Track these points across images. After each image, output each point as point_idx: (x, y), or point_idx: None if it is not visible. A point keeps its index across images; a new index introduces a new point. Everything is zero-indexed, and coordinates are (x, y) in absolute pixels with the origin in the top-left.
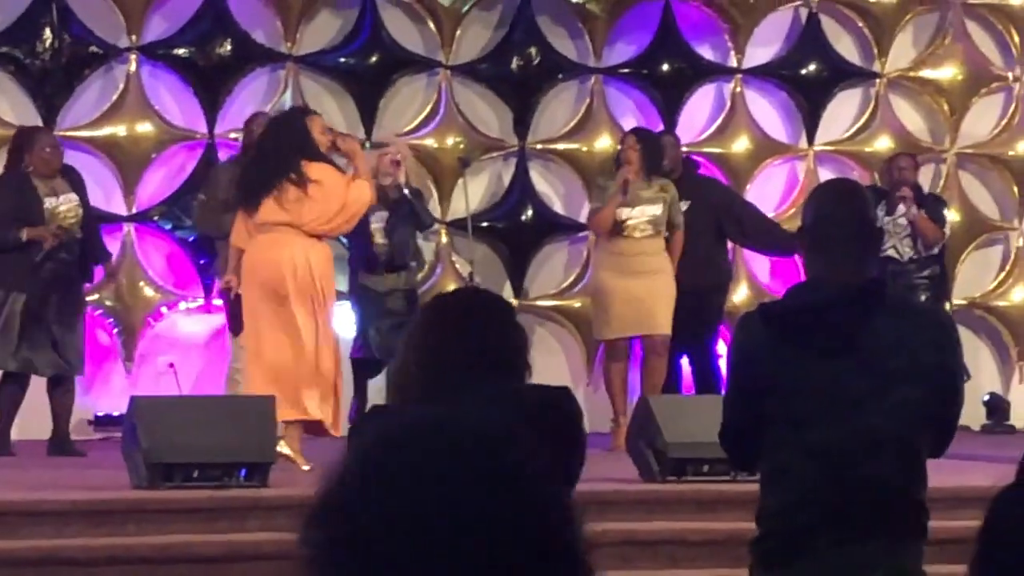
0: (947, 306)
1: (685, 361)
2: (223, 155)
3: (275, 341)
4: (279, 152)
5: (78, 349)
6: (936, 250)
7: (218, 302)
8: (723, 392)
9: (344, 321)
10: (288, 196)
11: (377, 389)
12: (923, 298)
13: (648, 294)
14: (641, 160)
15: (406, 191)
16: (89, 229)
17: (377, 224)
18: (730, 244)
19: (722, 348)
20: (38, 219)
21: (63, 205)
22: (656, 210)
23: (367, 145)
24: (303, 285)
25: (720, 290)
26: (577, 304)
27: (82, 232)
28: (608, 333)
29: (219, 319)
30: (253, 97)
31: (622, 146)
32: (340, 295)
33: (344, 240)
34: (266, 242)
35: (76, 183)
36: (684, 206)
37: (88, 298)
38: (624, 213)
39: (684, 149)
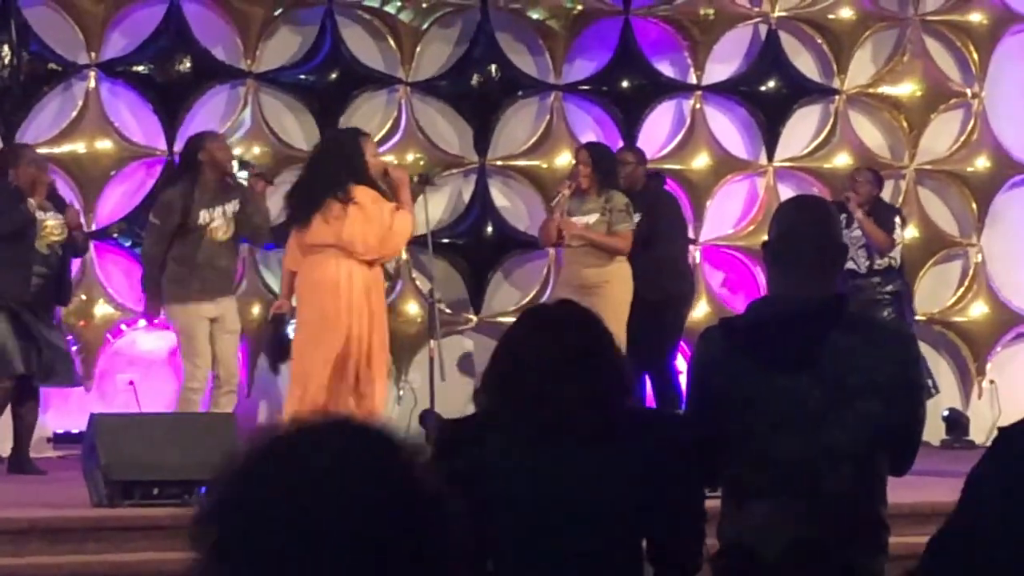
0: (912, 321)
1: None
2: None
3: (321, 362)
4: (330, 170)
5: (68, 359)
6: (891, 262)
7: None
8: (683, 407)
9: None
10: (333, 214)
11: None
12: (886, 313)
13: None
14: (592, 174)
15: None
16: (65, 260)
17: None
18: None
19: (682, 364)
20: (30, 229)
21: (51, 220)
22: (590, 219)
23: None
24: (348, 306)
25: (678, 303)
26: None
27: (62, 252)
28: None
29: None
30: (213, 114)
31: (575, 160)
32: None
33: None
34: (314, 263)
35: (60, 205)
36: (638, 218)
37: None
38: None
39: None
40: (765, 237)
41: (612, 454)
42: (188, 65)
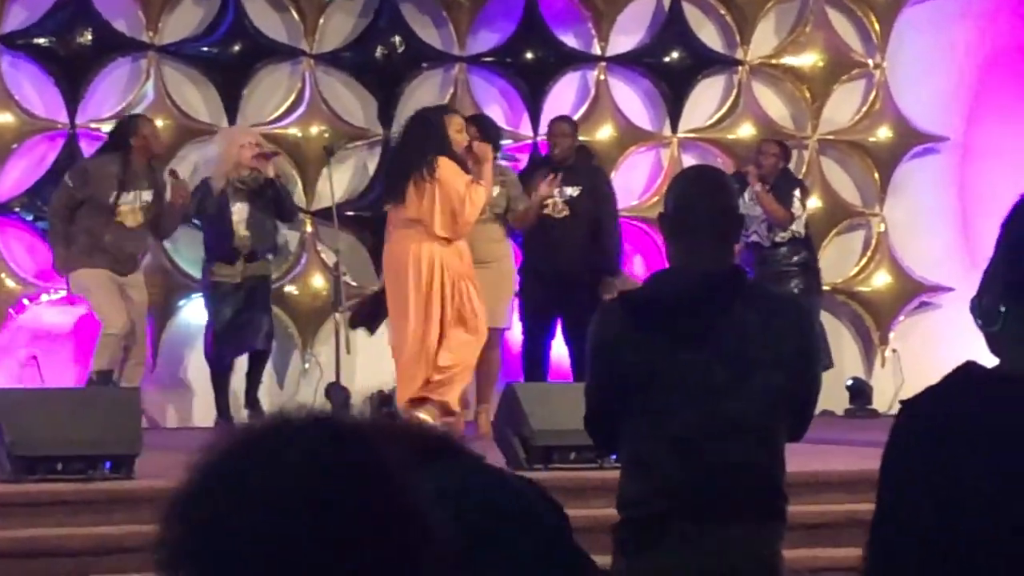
0: (819, 291)
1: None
2: (84, 145)
3: (402, 329)
4: (415, 146)
5: None
6: (795, 233)
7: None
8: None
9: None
10: (421, 191)
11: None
12: (793, 284)
13: (487, 285)
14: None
15: (277, 181)
16: None
17: (239, 216)
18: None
19: None
20: None
21: None
22: (492, 194)
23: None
24: (428, 280)
25: (603, 277)
26: None
27: None
28: None
29: (82, 310)
30: (115, 87)
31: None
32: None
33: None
34: (398, 237)
35: None
36: (575, 191)
37: None
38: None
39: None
40: (661, 209)
41: None
42: (89, 38)
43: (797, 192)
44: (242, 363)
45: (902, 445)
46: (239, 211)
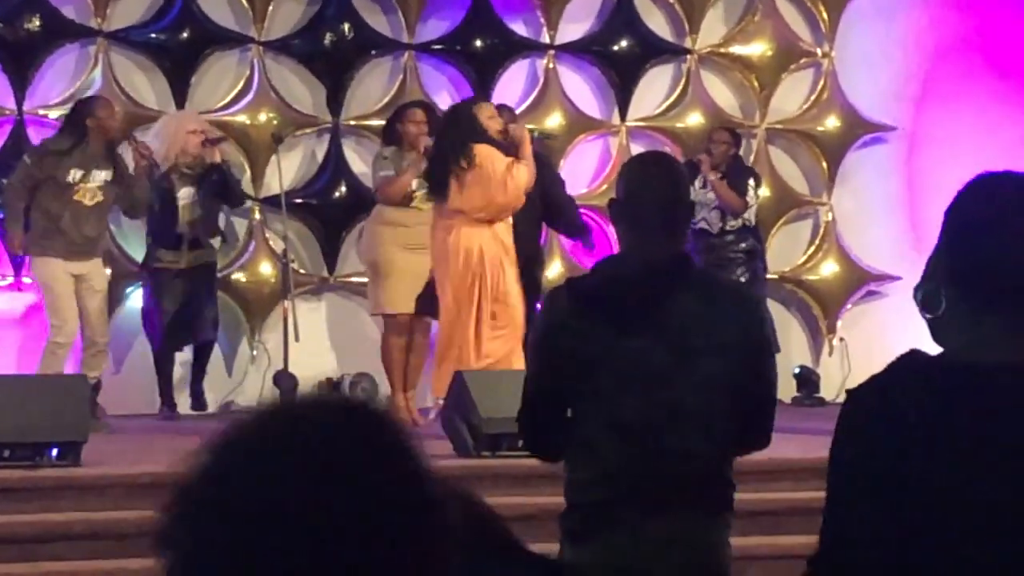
0: (764, 279)
1: None
2: (32, 131)
3: (444, 322)
4: (449, 140)
5: None
6: (745, 221)
7: (28, 280)
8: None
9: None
10: (462, 182)
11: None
12: (739, 271)
13: (425, 271)
14: (431, 132)
15: (224, 166)
16: None
17: (185, 201)
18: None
19: None
20: None
21: None
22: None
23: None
24: (467, 270)
25: (537, 264)
26: None
27: None
28: (392, 307)
29: (31, 297)
30: (63, 73)
31: (413, 120)
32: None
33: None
34: (440, 228)
35: None
36: None
37: None
38: (415, 184)
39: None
40: (612, 195)
41: None
42: (38, 23)
43: (751, 181)
44: (185, 350)
45: (849, 432)
46: (184, 196)
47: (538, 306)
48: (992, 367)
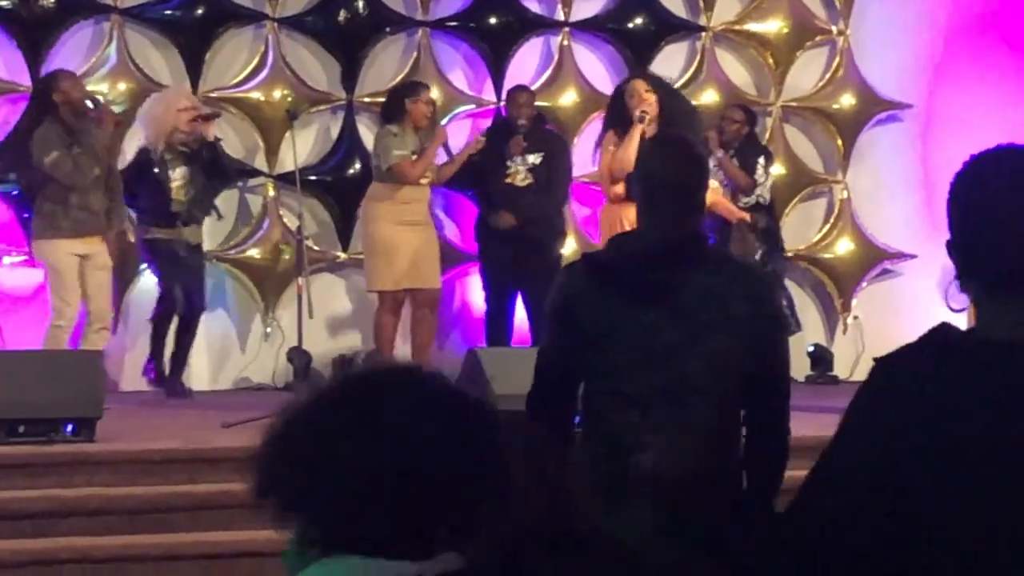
0: (779, 258)
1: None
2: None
3: None
4: None
5: None
6: (758, 199)
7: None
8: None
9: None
10: None
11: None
12: (757, 249)
13: (424, 245)
14: (433, 111)
15: (216, 143)
16: None
17: (179, 181)
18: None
19: None
20: None
21: None
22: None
23: None
24: None
25: (560, 240)
26: None
27: None
28: (388, 284)
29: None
30: (77, 50)
31: (426, 99)
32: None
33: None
34: None
35: None
36: (538, 159)
37: None
38: None
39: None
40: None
41: None
42: (52, 1)
43: (761, 159)
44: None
45: (874, 395)
46: (178, 176)
47: None
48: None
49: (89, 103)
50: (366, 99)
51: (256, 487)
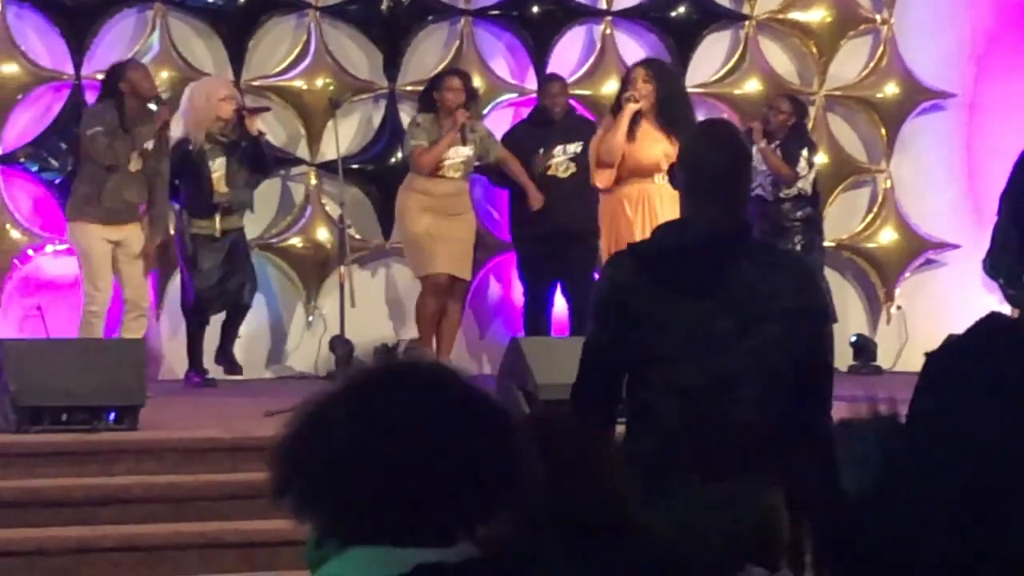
0: (821, 247)
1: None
2: (90, 96)
3: None
4: None
5: None
6: (800, 190)
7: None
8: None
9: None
10: None
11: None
12: (796, 240)
13: (463, 234)
14: (466, 101)
15: (261, 138)
16: None
17: (219, 172)
18: None
19: None
20: None
21: None
22: (468, 151)
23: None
24: None
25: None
26: None
27: None
28: (433, 268)
29: None
30: (121, 38)
31: (451, 87)
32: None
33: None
34: None
35: None
36: (578, 148)
37: None
38: (450, 152)
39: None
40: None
41: None
42: None
43: (805, 151)
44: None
45: (927, 389)
46: (218, 167)
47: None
48: None
49: (152, 105)
50: (408, 88)
51: (273, 488)
